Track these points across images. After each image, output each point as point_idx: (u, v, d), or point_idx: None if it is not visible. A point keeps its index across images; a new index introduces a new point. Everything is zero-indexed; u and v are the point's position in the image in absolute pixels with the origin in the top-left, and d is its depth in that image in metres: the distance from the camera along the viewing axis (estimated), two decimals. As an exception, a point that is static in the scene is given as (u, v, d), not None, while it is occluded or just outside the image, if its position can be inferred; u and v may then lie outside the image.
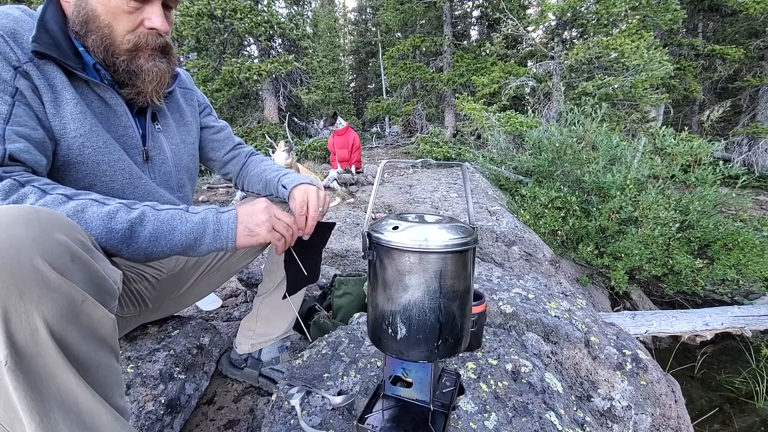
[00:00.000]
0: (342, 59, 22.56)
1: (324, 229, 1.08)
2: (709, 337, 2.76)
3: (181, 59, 11.28)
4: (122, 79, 0.83)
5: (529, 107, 8.28)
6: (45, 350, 0.47)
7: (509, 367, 1.04)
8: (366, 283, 1.37)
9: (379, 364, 1.05)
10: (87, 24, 0.77)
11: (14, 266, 0.46)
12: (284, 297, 1.15)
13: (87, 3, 0.76)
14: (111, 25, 0.77)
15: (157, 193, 0.93)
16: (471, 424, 0.85)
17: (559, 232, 3.61)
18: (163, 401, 1.02)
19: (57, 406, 0.47)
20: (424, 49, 12.02)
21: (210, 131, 1.17)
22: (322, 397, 0.93)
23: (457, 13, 12.95)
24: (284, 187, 1.04)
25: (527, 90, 9.01)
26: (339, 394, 0.94)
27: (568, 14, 7.68)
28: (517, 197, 4.44)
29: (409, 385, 0.79)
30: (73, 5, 0.77)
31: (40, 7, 0.77)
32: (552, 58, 8.38)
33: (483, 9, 12.58)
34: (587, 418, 1.00)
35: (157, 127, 0.95)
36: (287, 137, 9.78)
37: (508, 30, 8.70)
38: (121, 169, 0.84)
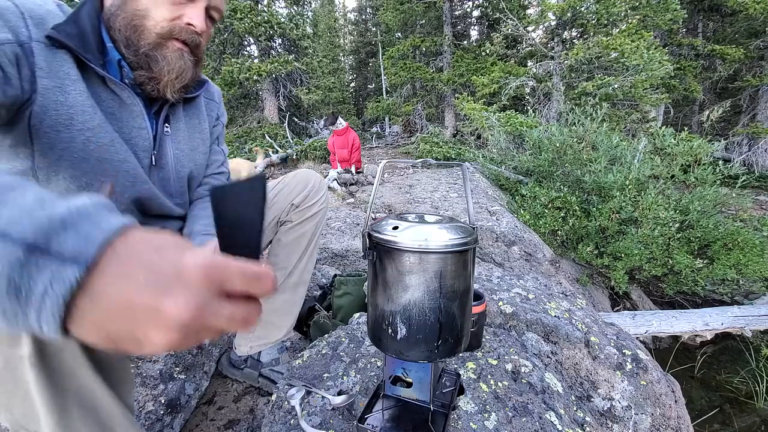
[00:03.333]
0: (342, 59, 22.58)
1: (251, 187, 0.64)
2: (709, 337, 2.76)
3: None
4: (139, 60, 0.79)
5: (529, 107, 8.29)
6: (69, 346, 0.46)
7: (509, 367, 1.04)
8: (366, 283, 1.37)
9: (379, 364, 1.05)
10: (125, 4, 0.76)
11: None
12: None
13: None
14: (149, 9, 0.76)
15: (158, 200, 0.90)
16: (471, 424, 0.85)
17: (559, 232, 3.60)
18: (163, 401, 1.02)
19: (75, 404, 0.47)
20: (424, 49, 12.03)
21: None
22: (322, 397, 0.93)
23: (457, 13, 12.96)
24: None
25: (527, 90, 9.02)
26: (339, 394, 0.94)
27: (568, 14, 7.68)
28: (517, 197, 4.43)
29: (409, 385, 0.79)
30: None
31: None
32: (552, 58, 8.38)
33: (483, 9, 12.58)
34: (587, 418, 1.00)
35: (166, 130, 0.91)
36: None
37: (508, 30, 8.70)
38: (125, 171, 0.82)
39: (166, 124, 0.91)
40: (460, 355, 1.08)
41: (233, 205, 0.52)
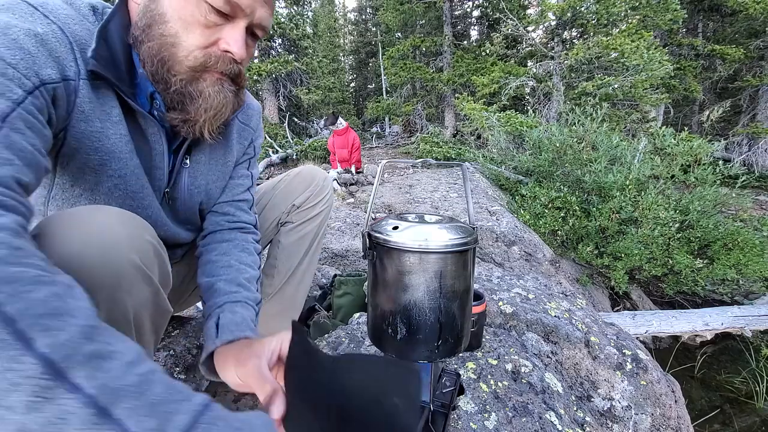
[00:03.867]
0: (342, 59, 22.61)
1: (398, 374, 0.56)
2: (709, 337, 2.76)
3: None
4: (172, 99, 0.67)
5: (529, 107, 8.29)
6: (127, 333, 0.56)
7: (509, 367, 1.04)
8: (366, 283, 1.37)
9: (379, 364, 1.04)
10: (150, 28, 0.63)
11: (117, 261, 0.56)
12: None
13: (158, 5, 0.62)
14: (178, 35, 0.62)
15: (172, 237, 0.86)
16: (471, 424, 0.85)
17: (559, 232, 3.60)
18: (163, 401, 1.02)
19: None
20: (424, 49, 12.04)
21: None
22: (322, 397, 0.93)
23: (457, 13, 12.97)
24: (216, 328, 0.72)
25: (527, 90, 9.02)
26: (339, 394, 0.94)
27: (568, 14, 7.68)
28: (517, 197, 4.44)
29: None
30: (142, 7, 0.64)
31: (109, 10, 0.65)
32: (552, 58, 8.39)
33: (483, 9, 12.60)
34: (587, 418, 1.00)
35: (185, 162, 0.81)
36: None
37: (508, 30, 8.70)
38: (147, 216, 0.75)
39: (187, 155, 0.81)
40: (460, 355, 1.08)
41: (365, 386, 0.52)
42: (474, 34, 14.47)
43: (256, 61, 10.30)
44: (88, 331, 0.37)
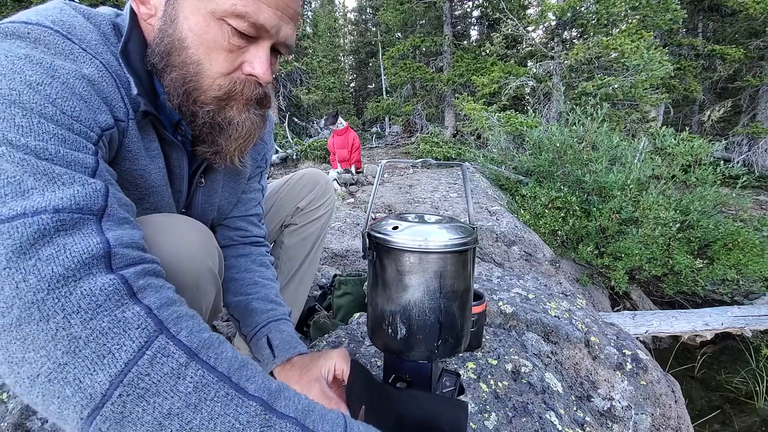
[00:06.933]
0: (342, 59, 22.62)
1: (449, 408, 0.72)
2: (709, 337, 2.76)
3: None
4: (201, 131, 0.64)
5: (529, 107, 8.29)
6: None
7: (509, 367, 1.04)
8: (366, 283, 1.37)
9: (379, 364, 1.04)
10: (169, 56, 0.59)
11: (197, 266, 0.63)
12: None
13: (176, 29, 0.58)
14: (201, 62, 0.59)
15: None
16: (471, 424, 0.85)
17: (559, 232, 3.60)
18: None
19: None
20: (424, 49, 12.04)
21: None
22: (322, 397, 0.93)
23: (457, 13, 12.97)
24: (270, 348, 0.78)
25: (527, 90, 9.02)
26: (339, 394, 0.94)
27: (568, 14, 7.68)
28: (517, 197, 4.43)
29: (409, 385, 0.79)
30: (157, 30, 0.60)
31: (124, 28, 0.60)
32: (552, 58, 8.38)
33: (483, 9, 12.60)
34: (587, 418, 1.00)
35: (200, 181, 0.79)
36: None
37: (508, 30, 8.70)
38: None
39: (203, 174, 0.79)
40: (460, 355, 1.08)
41: (423, 417, 0.67)
42: (474, 34, 14.48)
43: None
44: (265, 375, 0.49)
